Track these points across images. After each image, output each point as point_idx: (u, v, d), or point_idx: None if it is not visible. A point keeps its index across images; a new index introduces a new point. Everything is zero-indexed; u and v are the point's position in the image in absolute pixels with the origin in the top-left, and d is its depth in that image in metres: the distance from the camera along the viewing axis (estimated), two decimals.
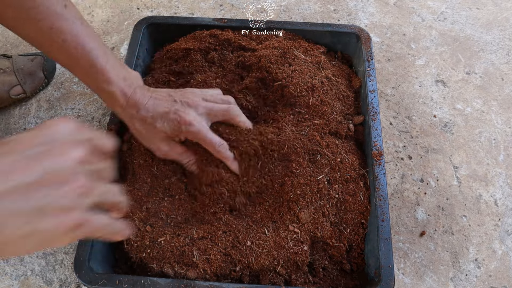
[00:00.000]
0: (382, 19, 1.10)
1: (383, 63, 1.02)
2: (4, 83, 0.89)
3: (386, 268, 0.60)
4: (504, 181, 0.86)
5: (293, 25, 0.85)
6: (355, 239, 0.66)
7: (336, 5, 1.12)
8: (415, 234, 0.80)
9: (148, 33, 0.84)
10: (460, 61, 1.04)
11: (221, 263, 0.60)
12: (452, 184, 0.86)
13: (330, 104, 0.73)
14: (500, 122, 0.94)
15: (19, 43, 1.03)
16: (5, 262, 0.75)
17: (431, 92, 0.98)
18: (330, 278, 0.64)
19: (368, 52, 0.80)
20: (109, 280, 0.57)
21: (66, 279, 0.74)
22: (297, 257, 0.62)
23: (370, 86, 0.76)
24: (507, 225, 0.81)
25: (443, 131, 0.92)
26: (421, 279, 0.75)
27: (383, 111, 0.94)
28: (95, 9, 1.09)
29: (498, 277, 0.76)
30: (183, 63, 0.81)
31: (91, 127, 0.56)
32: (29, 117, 0.91)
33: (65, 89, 0.96)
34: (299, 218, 0.64)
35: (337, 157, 0.68)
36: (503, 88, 0.99)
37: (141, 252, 0.61)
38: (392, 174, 0.86)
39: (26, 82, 0.91)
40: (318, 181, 0.66)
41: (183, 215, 0.66)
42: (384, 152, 0.69)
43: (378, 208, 0.64)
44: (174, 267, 0.60)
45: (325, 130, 0.71)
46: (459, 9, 1.14)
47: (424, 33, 1.08)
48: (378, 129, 0.72)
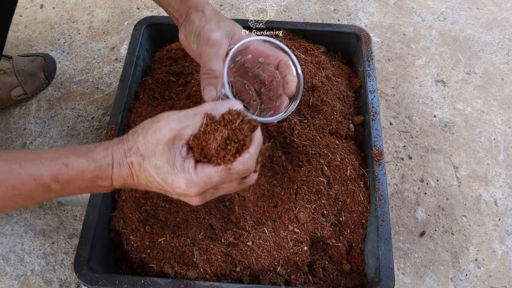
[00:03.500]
0: (382, 19, 1.10)
1: (383, 63, 1.02)
2: (5, 84, 0.89)
3: (386, 268, 0.59)
4: (504, 181, 0.86)
5: (293, 25, 0.85)
6: (355, 239, 0.66)
7: (336, 5, 1.12)
8: (415, 234, 0.80)
9: (148, 33, 0.84)
10: (460, 61, 1.04)
11: (221, 263, 0.60)
12: (452, 184, 0.85)
13: (330, 104, 0.73)
14: (500, 122, 0.94)
15: (19, 43, 1.03)
16: (5, 262, 0.75)
17: (431, 92, 0.98)
18: (330, 278, 0.64)
19: (368, 52, 0.80)
20: (109, 280, 0.57)
21: (66, 279, 0.74)
22: (297, 257, 0.62)
23: (370, 86, 0.76)
24: (507, 225, 0.81)
25: (443, 131, 0.92)
26: (421, 279, 0.75)
27: (383, 111, 0.94)
28: (95, 9, 1.10)
29: (498, 277, 0.76)
30: (183, 63, 0.81)
31: None
32: (29, 117, 0.91)
33: (65, 89, 0.96)
34: (298, 218, 0.64)
35: (337, 157, 0.68)
36: (503, 88, 0.99)
37: (141, 253, 0.61)
38: (392, 174, 0.86)
39: (27, 83, 0.91)
40: (318, 181, 0.66)
41: (182, 215, 0.66)
42: (384, 152, 0.69)
43: (378, 208, 0.64)
44: (174, 267, 0.60)
45: (325, 130, 0.71)
46: (459, 9, 1.13)
47: (424, 33, 1.08)
48: (378, 129, 0.72)
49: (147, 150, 0.44)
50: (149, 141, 0.44)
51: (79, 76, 0.98)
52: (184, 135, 0.44)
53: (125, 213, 0.64)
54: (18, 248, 0.77)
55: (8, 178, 0.43)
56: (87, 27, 1.06)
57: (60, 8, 1.09)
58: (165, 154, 0.44)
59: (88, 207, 0.63)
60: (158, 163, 0.44)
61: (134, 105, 0.76)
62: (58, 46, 1.02)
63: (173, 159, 0.44)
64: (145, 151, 0.44)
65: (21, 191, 0.43)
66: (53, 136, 0.89)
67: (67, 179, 0.44)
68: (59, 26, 1.06)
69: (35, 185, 0.44)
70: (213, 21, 0.60)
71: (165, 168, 0.44)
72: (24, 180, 0.43)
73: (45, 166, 0.44)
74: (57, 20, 1.07)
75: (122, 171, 0.45)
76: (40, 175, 0.43)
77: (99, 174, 0.45)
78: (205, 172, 0.44)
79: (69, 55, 1.01)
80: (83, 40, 1.04)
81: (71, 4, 1.10)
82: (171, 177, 0.44)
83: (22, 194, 0.44)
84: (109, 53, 1.02)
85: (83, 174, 0.45)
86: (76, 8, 1.10)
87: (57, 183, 0.44)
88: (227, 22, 0.61)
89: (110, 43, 1.03)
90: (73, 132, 0.90)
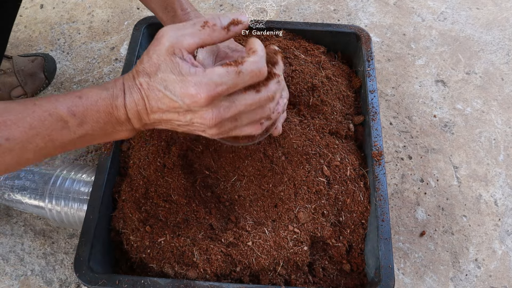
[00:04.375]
0: (382, 19, 1.10)
1: (383, 63, 1.02)
2: (5, 85, 0.89)
3: (386, 268, 0.59)
4: (504, 181, 0.86)
5: (293, 25, 0.85)
6: (355, 239, 0.66)
7: (336, 5, 1.12)
8: (415, 234, 0.80)
9: (148, 33, 0.84)
10: (460, 61, 1.04)
11: (221, 263, 0.60)
12: (452, 184, 0.86)
13: (330, 104, 0.74)
14: (500, 122, 0.94)
15: (19, 43, 1.03)
16: (5, 262, 0.75)
17: (431, 92, 0.98)
18: (330, 278, 0.64)
19: (368, 52, 0.80)
20: (109, 280, 0.57)
21: (66, 279, 0.74)
22: (297, 257, 0.62)
23: (370, 86, 0.76)
24: (507, 225, 0.81)
25: (443, 131, 0.92)
26: (421, 279, 0.75)
27: (383, 111, 0.94)
28: (95, 9, 1.10)
29: (498, 277, 0.76)
30: None
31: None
32: None
33: (65, 89, 0.96)
34: (298, 218, 0.64)
35: (337, 157, 0.68)
36: (503, 88, 0.99)
37: (141, 253, 0.61)
38: (392, 174, 0.86)
39: (27, 83, 0.91)
40: (318, 181, 0.66)
41: (182, 215, 0.66)
42: (384, 152, 0.69)
43: (378, 208, 0.64)
44: (174, 267, 0.60)
45: (325, 130, 0.71)
46: (459, 9, 1.13)
47: (424, 33, 1.08)
48: (378, 129, 0.72)
49: (151, 67, 0.43)
50: (152, 57, 0.43)
51: (79, 76, 0.98)
52: (183, 42, 0.43)
53: (125, 213, 0.64)
54: (18, 248, 0.77)
55: (24, 117, 0.42)
56: (87, 27, 1.06)
57: (60, 8, 1.09)
58: (168, 64, 0.42)
59: (88, 207, 0.63)
60: (163, 75, 0.42)
61: None
62: (58, 46, 1.02)
63: (178, 67, 0.42)
64: (150, 69, 0.43)
65: (39, 129, 0.43)
66: None
67: (82, 111, 0.44)
68: (59, 26, 1.06)
69: (52, 121, 0.43)
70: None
71: (170, 78, 0.42)
72: (40, 117, 0.43)
73: (59, 102, 0.44)
74: (57, 20, 1.07)
75: (134, 95, 0.44)
76: (55, 109, 0.43)
77: (112, 103, 0.45)
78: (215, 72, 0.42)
79: (69, 55, 1.01)
80: (83, 40, 1.04)
81: (71, 4, 1.10)
82: (178, 86, 0.42)
83: (40, 133, 0.43)
84: (109, 53, 1.02)
85: (97, 103, 0.44)
86: (76, 8, 1.10)
87: (73, 117, 0.44)
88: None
89: (110, 43, 1.03)
90: None
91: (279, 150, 0.69)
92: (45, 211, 0.71)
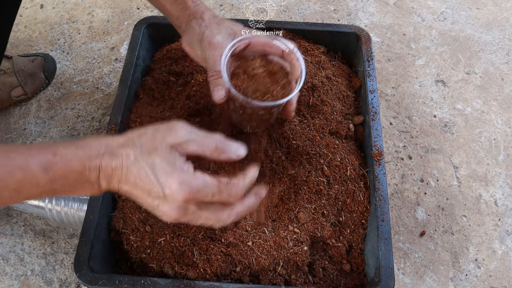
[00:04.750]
0: (382, 19, 1.10)
1: (383, 63, 1.02)
2: (5, 85, 0.89)
3: (386, 268, 0.60)
4: (504, 181, 0.86)
5: (293, 25, 0.85)
6: (355, 239, 0.66)
7: (336, 5, 1.12)
8: (415, 234, 0.80)
9: (148, 33, 0.84)
10: (460, 61, 1.04)
11: (221, 263, 0.60)
12: (452, 184, 0.86)
13: (330, 104, 0.74)
14: (500, 122, 0.94)
15: (19, 43, 1.03)
16: (5, 262, 0.75)
17: (431, 92, 0.98)
18: (330, 278, 0.64)
19: (368, 52, 0.80)
20: (109, 280, 0.57)
21: (66, 279, 0.74)
22: (297, 257, 0.62)
23: (370, 86, 0.76)
24: (507, 225, 0.81)
25: (443, 131, 0.92)
26: (421, 279, 0.75)
27: (383, 111, 0.94)
28: (95, 9, 1.10)
29: (498, 277, 0.76)
30: (183, 63, 0.81)
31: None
32: (29, 117, 0.91)
33: (65, 89, 0.96)
34: (298, 218, 0.64)
35: (337, 157, 0.68)
36: (503, 88, 0.99)
37: (141, 253, 0.61)
38: (392, 174, 0.86)
39: (27, 83, 0.91)
40: (318, 181, 0.66)
41: None
42: (384, 152, 0.69)
43: (378, 208, 0.64)
44: (174, 267, 0.60)
45: (325, 130, 0.71)
46: (459, 9, 1.13)
47: (424, 33, 1.08)
48: (378, 129, 0.72)
49: (149, 145, 0.44)
50: (157, 137, 0.44)
51: (79, 76, 0.98)
52: (189, 148, 0.44)
53: (125, 213, 0.64)
54: (18, 248, 0.77)
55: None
56: (87, 27, 1.06)
57: (60, 8, 1.09)
58: (167, 154, 0.43)
59: (88, 207, 0.63)
60: (156, 159, 0.43)
61: (134, 105, 0.76)
62: (58, 46, 1.02)
63: (174, 159, 0.43)
64: (147, 146, 0.44)
65: (7, 182, 0.42)
66: (53, 136, 0.89)
67: (55, 170, 0.43)
68: (59, 26, 1.06)
69: (22, 176, 0.42)
70: (213, 25, 0.61)
71: (162, 165, 0.43)
72: (10, 170, 0.42)
73: (33, 157, 0.43)
74: (57, 20, 1.07)
75: (113, 161, 0.44)
76: (26, 165, 0.42)
77: (86, 164, 0.44)
78: (203, 178, 0.44)
79: (69, 55, 1.01)
80: (83, 40, 1.04)
81: (71, 4, 1.10)
82: (164, 176, 0.43)
83: (9, 186, 0.42)
84: (109, 53, 1.02)
85: (71, 163, 0.43)
86: (76, 8, 1.10)
87: (45, 174, 0.43)
88: (227, 24, 0.62)
89: (110, 43, 1.03)
90: (73, 132, 0.90)
91: (279, 150, 0.69)
92: (45, 211, 0.71)
